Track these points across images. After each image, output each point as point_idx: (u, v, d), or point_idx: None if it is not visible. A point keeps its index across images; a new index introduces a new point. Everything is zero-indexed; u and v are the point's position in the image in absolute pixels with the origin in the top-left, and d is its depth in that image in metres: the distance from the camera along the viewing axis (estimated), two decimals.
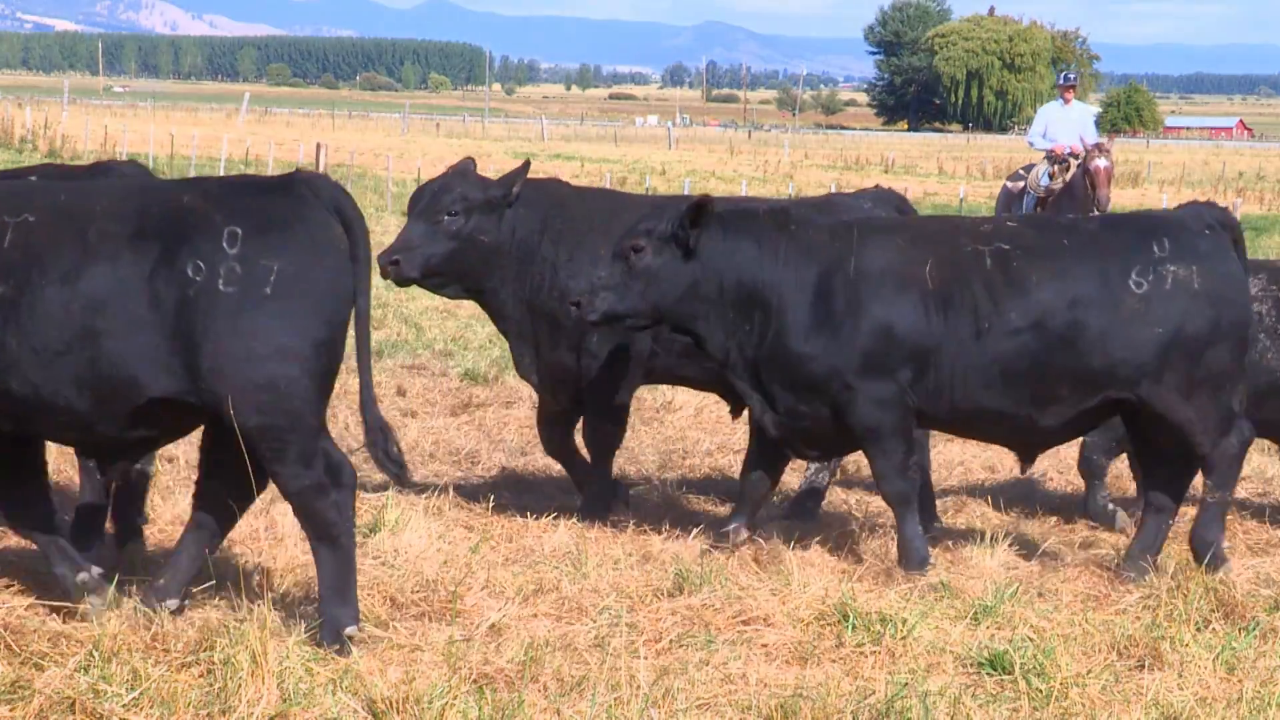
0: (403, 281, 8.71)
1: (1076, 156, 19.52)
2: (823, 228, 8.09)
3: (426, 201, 8.66)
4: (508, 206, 8.67)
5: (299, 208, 6.37)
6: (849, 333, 7.84)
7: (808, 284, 7.90)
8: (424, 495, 9.01)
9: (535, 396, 12.60)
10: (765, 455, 8.34)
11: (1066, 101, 20.56)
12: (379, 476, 9.76)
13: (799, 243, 7.99)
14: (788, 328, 7.90)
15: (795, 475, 9.31)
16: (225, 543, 7.61)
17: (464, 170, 8.80)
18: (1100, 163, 19.12)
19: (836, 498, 9.77)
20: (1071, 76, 21.41)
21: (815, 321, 7.87)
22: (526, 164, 8.80)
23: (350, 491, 6.52)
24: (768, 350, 7.95)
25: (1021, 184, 19.91)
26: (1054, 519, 9.44)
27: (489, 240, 8.65)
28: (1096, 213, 19.03)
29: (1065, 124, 20.03)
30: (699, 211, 7.91)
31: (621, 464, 10.48)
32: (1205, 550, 8.00)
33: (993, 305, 7.82)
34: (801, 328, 7.88)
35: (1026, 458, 8.61)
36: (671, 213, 7.97)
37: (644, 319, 8.07)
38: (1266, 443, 11.74)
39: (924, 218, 9.42)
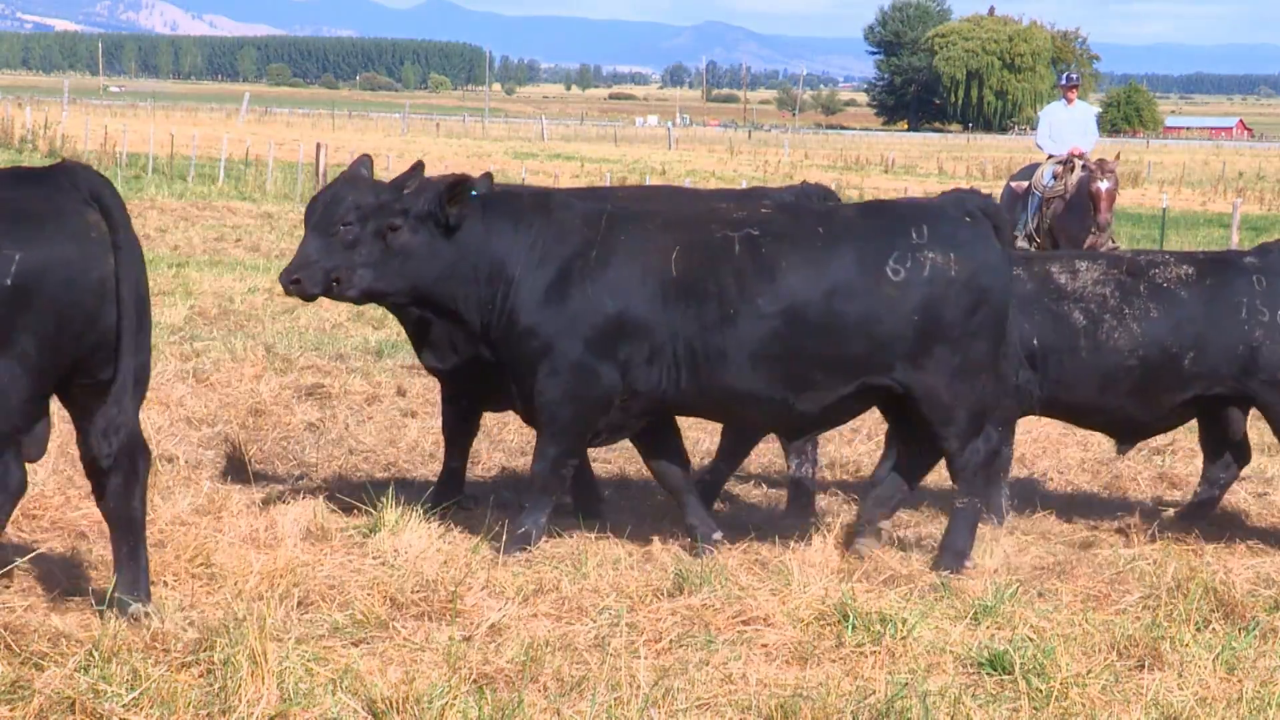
0: (307, 298, 8.35)
1: (1080, 157, 19.50)
2: (579, 212, 8.11)
3: (320, 214, 8.24)
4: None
5: (54, 197, 6.30)
6: (572, 315, 7.87)
7: (550, 266, 7.94)
8: (424, 495, 9.01)
9: None
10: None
11: (1070, 101, 20.55)
12: (379, 476, 9.77)
13: (553, 227, 8.03)
14: (518, 306, 7.94)
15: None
16: (225, 542, 7.62)
17: (354, 176, 8.40)
18: (1103, 185, 19.09)
19: (838, 497, 9.77)
20: (1074, 76, 21.40)
21: (544, 301, 7.91)
22: (419, 164, 8.74)
23: (12, 499, 6.49)
24: (499, 327, 8.01)
25: (1026, 184, 19.90)
26: (1054, 519, 9.44)
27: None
28: (1095, 231, 19.01)
29: (1070, 124, 20.03)
30: (456, 190, 7.93)
31: (622, 464, 10.49)
32: (954, 561, 8.00)
33: (739, 291, 7.82)
34: (529, 306, 7.92)
35: (790, 438, 8.68)
36: (429, 191, 7.99)
37: (403, 297, 8.10)
38: (1269, 441, 11.76)
39: (685, 203, 9.23)
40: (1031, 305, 8.84)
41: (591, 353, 7.91)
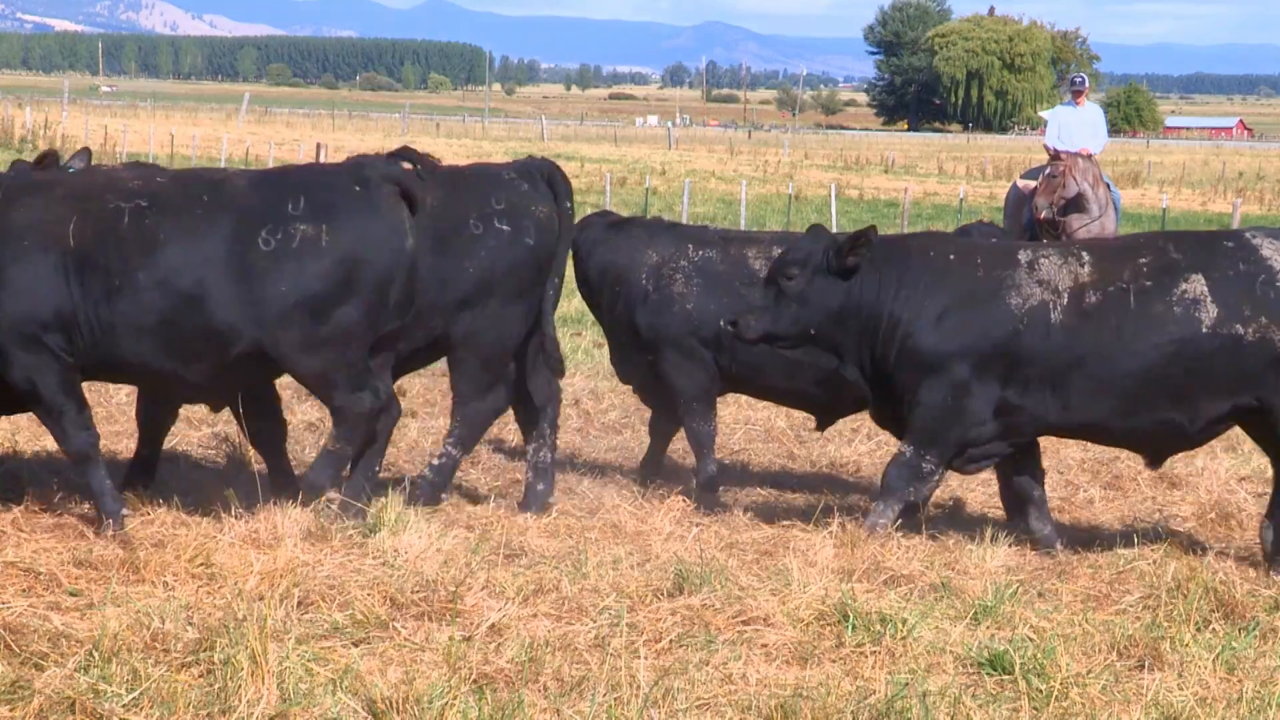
0: None
1: (1088, 157, 19.46)
2: None
3: None
4: None
5: None
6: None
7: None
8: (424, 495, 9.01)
9: None
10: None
11: (1078, 104, 20.56)
12: (380, 476, 9.78)
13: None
14: None
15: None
16: (225, 542, 7.63)
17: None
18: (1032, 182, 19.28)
19: (838, 497, 9.77)
20: (1082, 79, 21.40)
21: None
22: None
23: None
24: None
25: (1033, 183, 19.90)
26: (1054, 518, 9.43)
27: None
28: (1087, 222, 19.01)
29: (1079, 125, 20.00)
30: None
31: (622, 463, 10.49)
32: (311, 491, 8.14)
33: (123, 262, 7.85)
34: None
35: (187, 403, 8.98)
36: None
37: None
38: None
39: (86, 173, 9.07)
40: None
41: (19, 329, 7.89)
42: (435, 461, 9.13)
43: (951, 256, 8.57)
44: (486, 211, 8.79)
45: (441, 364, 9.49)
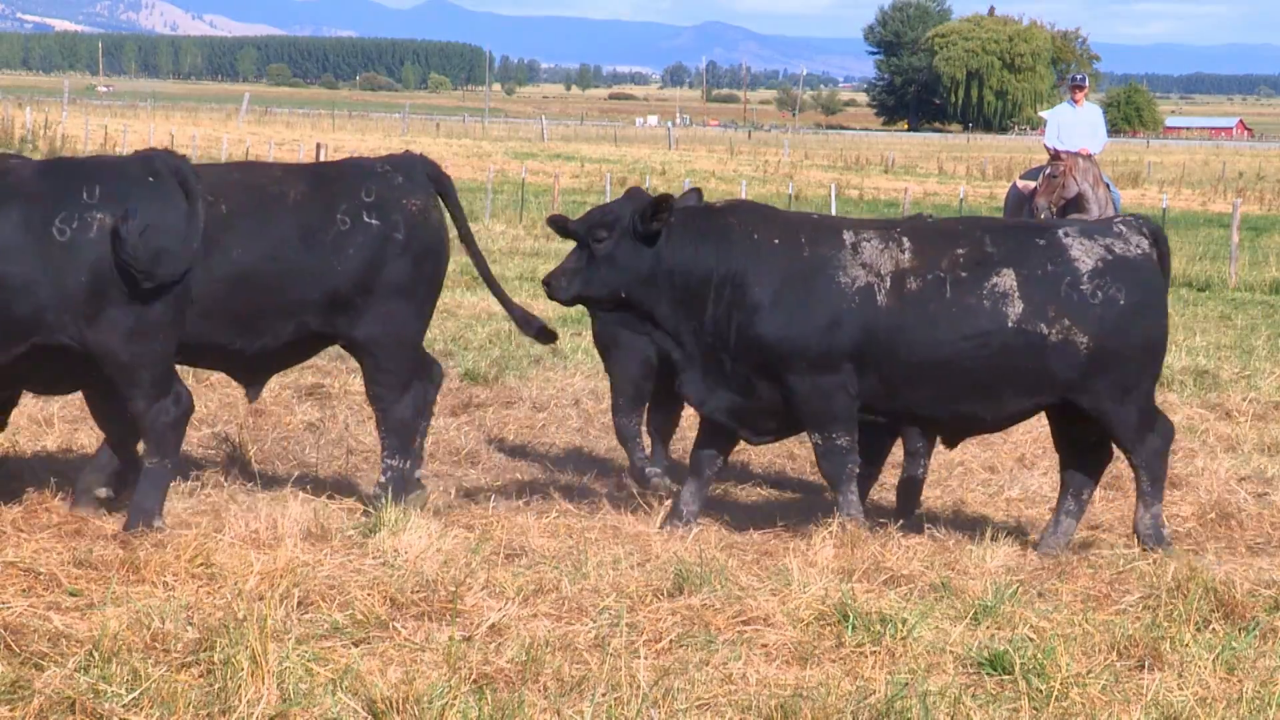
0: None
1: (1088, 157, 19.47)
2: None
3: None
4: None
5: None
6: None
7: None
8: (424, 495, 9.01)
9: (536, 396, 12.62)
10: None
11: (1078, 103, 20.56)
12: (379, 476, 9.78)
13: None
14: None
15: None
16: (225, 542, 7.63)
17: None
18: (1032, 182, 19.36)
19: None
20: (1082, 78, 21.42)
21: None
22: None
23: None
24: None
25: (1033, 184, 19.91)
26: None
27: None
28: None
29: (1078, 125, 20.02)
30: None
31: (622, 463, 10.48)
32: (141, 519, 7.95)
33: None
34: None
35: None
36: None
37: None
38: (1269, 442, 11.77)
39: None
40: None
41: None
42: (381, 479, 8.95)
43: (776, 236, 8.50)
44: (355, 205, 8.70)
45: (439, 365, 9.48)
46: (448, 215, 9.08)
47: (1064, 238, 8.54)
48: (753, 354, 8.44)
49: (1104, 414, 8.53)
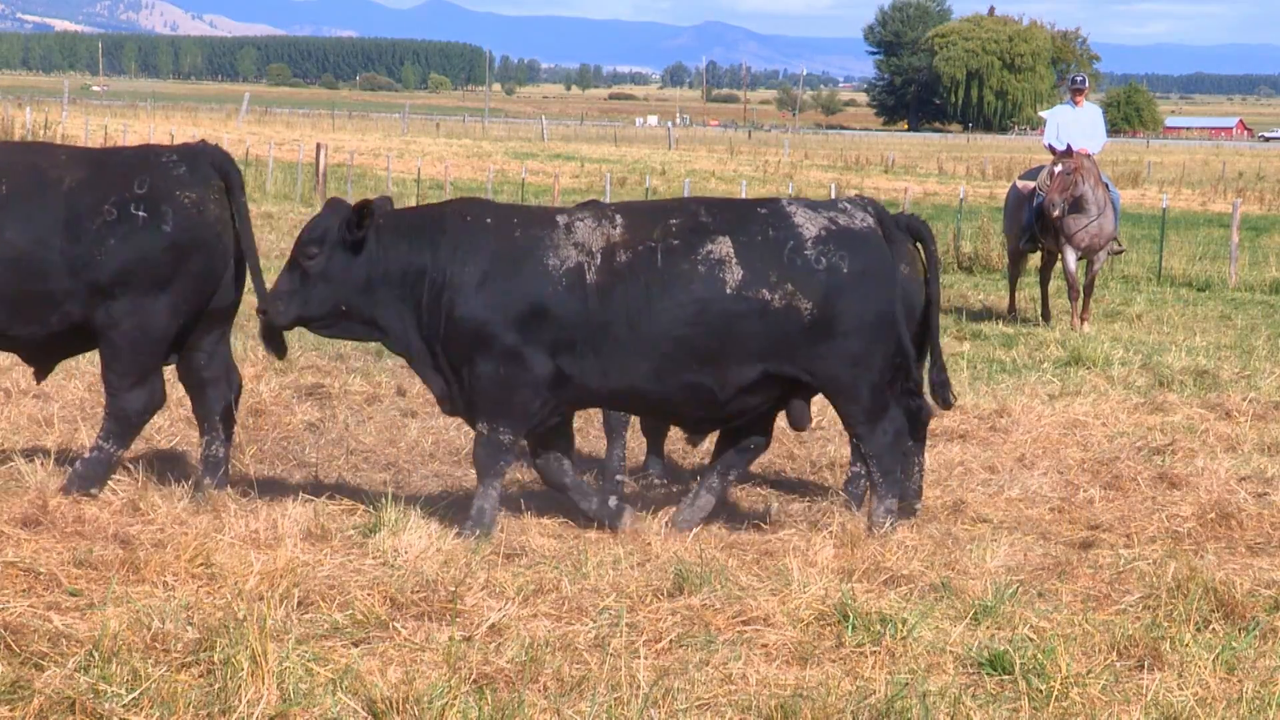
0: None
1: (1088, 158, 19.48)
2: None
3: None
4: None
5: None
6: None
7: None
8: (424, 495, 9.01)
9: None
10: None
11: (1077, 104, 20.57)
12: (379, 476, 9.78)
13: None
14: None
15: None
16: (225, 542, 7.63)
17: None
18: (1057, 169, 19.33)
19: (840, 497, 9.76)
20: (1082, 79, 21.42)
21: None
22: None
23: None
24: None
25: (1033, 184, 19.91)
26: (1054, 519, 9.44)
27: None
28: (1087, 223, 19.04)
29: (1077, 125, 20.02)
30: None
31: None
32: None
33: None
34: None
35: None
36: None
37: None
38: (1268, 441, 11.78)
39: None
40: None
41: None
42: (87, 455, 8.93)
43: (488, 220, 8.46)
44: (124, 196, 8.65)
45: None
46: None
47: (787, 206, 8.52)
48: (455, 339, 8.35)
49: (833, 383, 8.46)
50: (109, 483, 8.80)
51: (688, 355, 8.34)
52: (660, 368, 8.35)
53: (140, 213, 8.64)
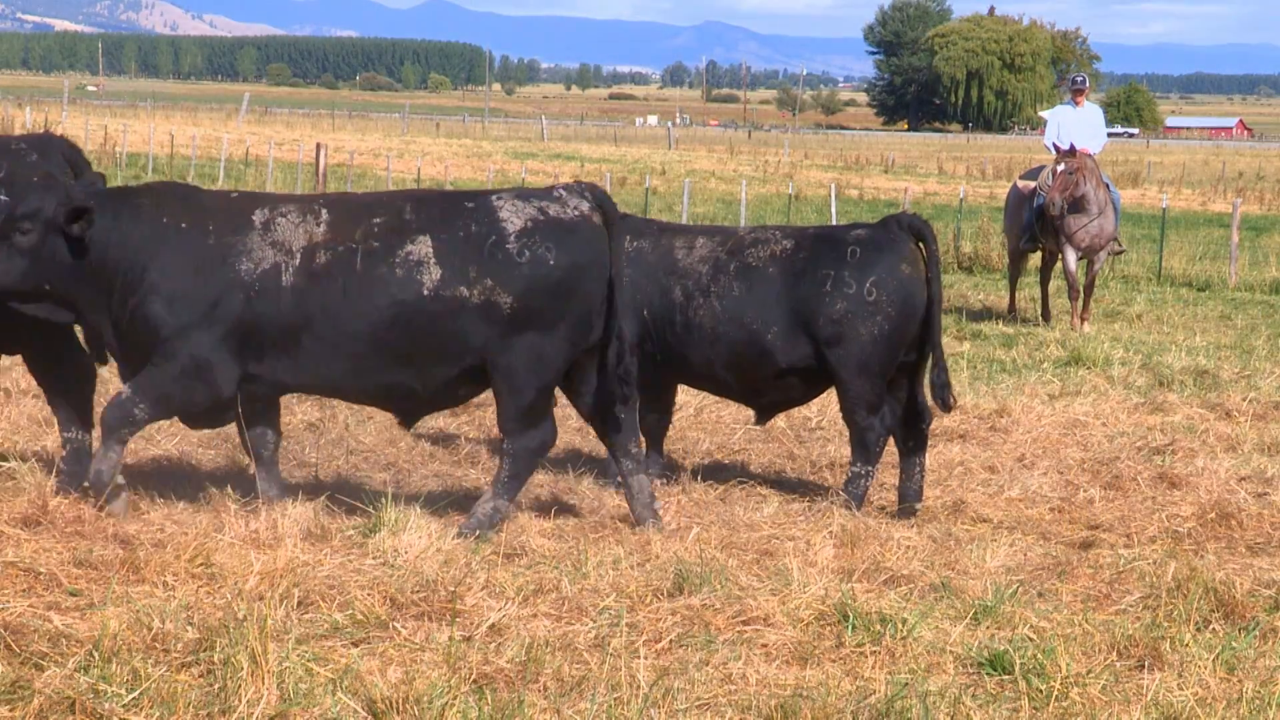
0: None
1: (1089, 157, 19.48)
2: None
3: None
4: None
5: None
6: None
7: None
8: (424, 495, 9.01)
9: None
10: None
11: (1078, 104, 20.57)
12: (379, 476, 9.78)
13: None
14: None
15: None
16: (225, 542, 7.63)
17: None
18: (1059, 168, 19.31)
19: (840, 497, 9.77)
20: (1082, 79, 21.42)
21: None
22: None
23: None
24: None
25: (1033, 184, 19.91)
26: (1054, 519, 9.44)
27: None
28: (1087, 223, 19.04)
29: (1078, 126, 20.02)
30: None
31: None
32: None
33: None
34: None
35: None
36: None
37: None
38: (1268, 441, 11.77)
39: None
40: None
41: None
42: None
43: (184, 221, 8.31)
44: None
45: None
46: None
47: (495, 200, 8.41)
48: (134, 336, 8.25)
49: (507, 376, 8.30)
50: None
51: (386, 356, 8.23)
52: (358, 367, 8.28)
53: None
